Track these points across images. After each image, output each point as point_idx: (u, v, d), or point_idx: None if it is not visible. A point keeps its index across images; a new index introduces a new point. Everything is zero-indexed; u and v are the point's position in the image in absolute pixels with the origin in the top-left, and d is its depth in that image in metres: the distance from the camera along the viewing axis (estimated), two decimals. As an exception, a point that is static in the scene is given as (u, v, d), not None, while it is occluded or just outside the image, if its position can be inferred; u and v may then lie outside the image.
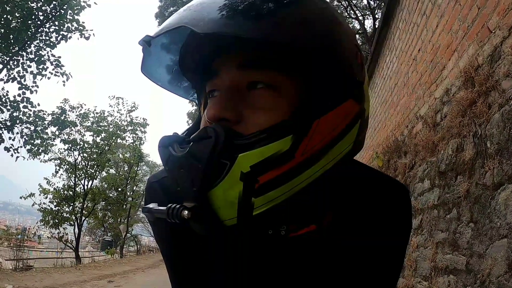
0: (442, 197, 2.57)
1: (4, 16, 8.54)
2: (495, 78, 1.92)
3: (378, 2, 12.34)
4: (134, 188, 21.59)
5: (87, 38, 9.98)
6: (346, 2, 12.89)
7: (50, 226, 14.08)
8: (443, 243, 2.49)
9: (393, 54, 4.41)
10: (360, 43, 12.70)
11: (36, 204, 13.61)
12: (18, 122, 9.69)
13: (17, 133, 9.80)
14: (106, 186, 19.73)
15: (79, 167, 15.38)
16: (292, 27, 0.40)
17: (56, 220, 14.00)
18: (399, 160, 3.82)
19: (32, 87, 9.59)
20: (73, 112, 14.99)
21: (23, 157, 10.29)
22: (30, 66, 9.51)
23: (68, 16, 9.46)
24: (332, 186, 0.49)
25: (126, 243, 23.25)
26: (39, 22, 9.24)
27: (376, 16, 12.12)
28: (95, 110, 16.50)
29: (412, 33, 3.57)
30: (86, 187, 15.69)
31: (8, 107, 9.43)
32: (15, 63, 9.32)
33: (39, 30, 9.36)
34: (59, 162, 14.99)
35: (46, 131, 11.24)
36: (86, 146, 15.51)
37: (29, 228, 19.32)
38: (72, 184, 15.14)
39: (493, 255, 1.83)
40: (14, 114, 9.56)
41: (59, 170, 15.06)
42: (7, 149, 9.53)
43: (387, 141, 4.40)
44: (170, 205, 0.41)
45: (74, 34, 9.80)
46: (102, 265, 13.44)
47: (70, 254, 14.66)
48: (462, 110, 2.28)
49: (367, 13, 13.43)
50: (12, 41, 8.90)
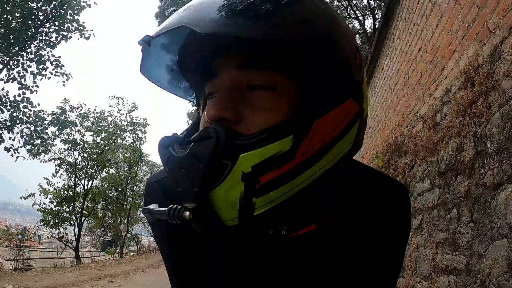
0: (442, 197, 2.57)
1: (4, 16, 8.54)
2: (495, 78, 1.92)
3: (378, 2, 12.34)
4: (134, 188, 21.59)
5: (87, 38, 9.99)
6: (346, 2, 12.89)
7: (50, 226, 14.09)
8: (443, 243, 2.49)
9: (393, 54, 4.41)
10: (360, 43, 12.71)
11: (36, 204, 13.63)
12: (18, 122, 9.69)
13: (17, 133, 9.82)
14: (106, 186, 19.74)
15: (79, 167, 15.40)
16: (292, 27, 0.40)
17: (56, 220, 14.01)
18: (399, 160, 3.82)
19: (32, 87, 9.61)
20: (73, 112, 15.05)
21: (23, 157, 10.31)
22: (30, 66, 9.53)
23: (68, 16, 9.46)
24: (332, 186, 0.49)
25: (126, 243, 23.25)
26: (39, 22, 9.24)
27: (376, 16, 12.12)
28: (95, 110, 16.56)
29: (412, 33, 3.57)
30: (86, 187, 15.71)
31: (8, 107, 9.44)
32: (15, 63, 9.34)
33: (39, 30, 9.36)
34: (59, 162, 15.01)
35: (46, 131, 11.26)
36: (86, 146, 15.52)
37: (29, 228, 19.32)
38: (72, 184, 15.16)
39: (493, 255, 1.83)
40: (14, 114, 9.57)
41: (59, 170, 15.10)
42: (7, 149, 9.53)
43: (387, 141, 4.40)
44: (171, 206, 0.41)
45: (74, 34, 9.82)
46: (102, 265, 13.44)
47: (70, 254, 14.67)
48: (462, 110, 2.28)
49: (367, 13, 13.44)
50: (12, 41, 8.90)
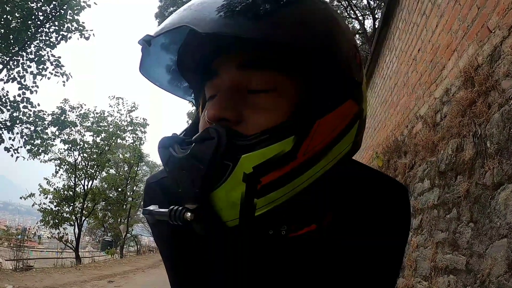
0: (442, 197, 2.57)
1: (4, 16, 8.54)
2: (495, 78, 1.92)
3: (378, 2, 12.34)
4: (134, 188, 21.59)
5: (87, 38, 9.99)
6: (346, 2, 12.89)
7: (50, 226, 14.10)
8: (443, 243, 2.49)
9: (393, 54, 4.41)
10: (360, 43, 12.72)
11: (36, 204, 13.64)
12: (18, 122, 9.69)
13: (17, 133, 9.82)
14: (106, 186, 19.75)
15: (79, 167, 15.41)
16: (292, 27, 0.40)
17: (56, 220, 14.02)
18: (399, 160, 3.82)
19: (32, 87, 9.61)
20: (73, 112, 15.08)
21: (23, 157, 10.32)
22: (30, 66, 9.54)
23: (68, 16, 9.47)
24: (331, 186, 0.49)
25: (126, 243, 23.24)
26: (39, 22, 9.24)
27: (376, 16, 12.12)
28: (95, 110, 16.60)
29: (412, 33, 3.57)
30: (86, 187, 15.72)
31: (8, 107, 9.44)
32: (15, 63, 9.34)
33: (39, 30, 9.36)
34: (59, 162, 15.02)
35: (46, 131, 11.27)
36: (86, 146, 15.53)
37: (29, 228, 19.32)
38: (72, 184, 15.17)
39: (493, 255, 1.83)
40: (14, 114, 9.58)
41: (59, 170, 15.11)
42: (7, 149, 9.53)
43: (387, 141, 4.40)
44: (172, 207, 0.41)
45: (74, 34, 9.82)
46: (102, 265, 13.44)
47: (70, 254, 14.67)
48: (462, 110, 2.28)
49: (367, 13, 13.44)
50: (12, 41, 8.90)
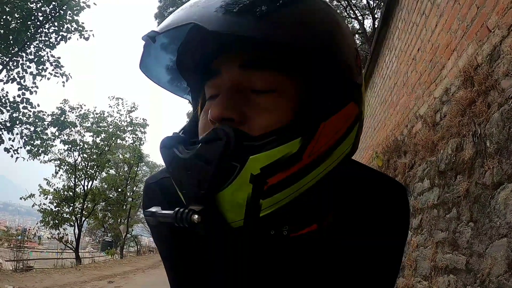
0: (442, 196, 2.57)
1: (4, 17, 8.53)
2: (495, 77, 1.92)
3: (377, 1, 12.34)
4: (134, 188, 21.56)
5: (87, 39, 9.98)
6: (346, 2, 12.89)
7: (50, 227, 14.09)
8: (443, 243, 2.49)
9: (392, 53, 4.41)
10: (360, 43, 12.72)
11: (36, 205, 13.62)
12: (18, 123, 9.68)
13: (17, 133, 9.80)
14: (106, 186, 19.73)
15: (79, 167, 15.39)
16: (299, 27, 0.41)
17: (56, 221, 14.00)
18: (398, 160, 3.82)
19: (32, 87, 9.59)
20: (72, 112, 15.05)
21: (23, 157, 10.29)
22: (29, 67, 9.52)
23: (67, 17, 9.45)
24: (332, 186, 0.49)
25: (126, 244, 23.22)
26: (38, 23, 9.24)
27: (376, 16, 12.12)
28: (94, 111, 16.58)
29: (411, 32, 3.57)
30: (86, 188, 15.70)
31: (8, 108, 9.43)
32: (15, 63, 9.32)
33: (39, 31, 9.35)
34: (59, 162, 15.00)
35: (46, 131, 11.23)
36: (86, 146, 15.52)
37: (29, 229, 19.28)
38: (72, 184, 15.16)
39: (493, 255, 1.82)
40: (14, 115, 9.56)
41: (59, 170, 15.09)
42: (7, 150, 9.52)
43: (387, 140, 4.40)
44: (177, 209, 0.40)
45: (74, 34, 9.81)
46: (102, 265, 13.43)
47: (70, 254, 14.65)
48: (461, 110, 2.28)
49: (367, 13, 13.44)
50: (11, 41, 8.89)
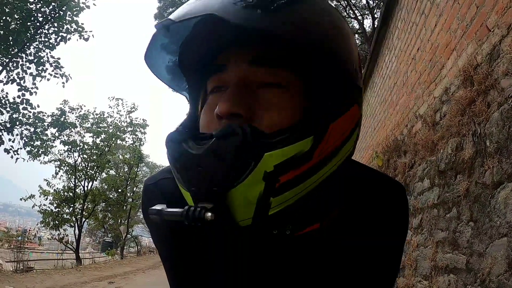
0: (442, 196, 2.57)
1: (3, 17, 8.54)
2: (494, 76, 1.92)
3: (377, 1, 12.34)
4: (134, 189, 21.55)
5: (86, 40, 9.98)
6: (345, 2, 12.89)
7: (51, 228, 14.08)
8: (443, 242, 2.49)
9: (392, 53, 4.41)
10: (359, 43, 12.72)
11: (36, 205, 13.62)
12: (17, 123, 9.69)
13: (17, 134, 9.81)
14: (106, 187, 19.73)
15: (79, 168, 15.39)
16: (320, 29, 0.41)
17: (57, 222, 14.00)
18: (398, 160, 3.82)
19: (32, 88, 9.60)
20: (72, 113, 15.03)
21: (23, 158, 10.30)
22: (29, 68, 9.52)
23: (67, 18, 9.46)
24: (334, 186, 0.49)
25: (126, 244, 23.21)
26: (38, 24, 9.24)
27: (375, 15, 12.12)
28: (94, 111, 16.56)
29: (411, 32, 3.57)
30: (86, 188, 15.69)
31: (8, 109, 9.44)
32: (15, 64, 9.33)
33: (38, 32, 9.35)
34: (59, 163, 15.00)
35: (46, 132, 11.22)
36: (86, 147, 15.51)
37: (29, 230, 19.27)
38: (72, 185, 15.15)
39: (493, 254, 1.82)
40: (14, 116, 9.57)
41: (59, 171, 15.09)
42: (7, 150, 9.53)
43: (387, 140, 4.40)
44: (187, 206, 0.39)
45: (73, 35, 9.81)
46: (103, 266, 13.42)
47: (71, 255, 14.64)
48: (461, 109, 2.28)
49: (366, 12, 13.45)
50: (11, 42, 8.89)
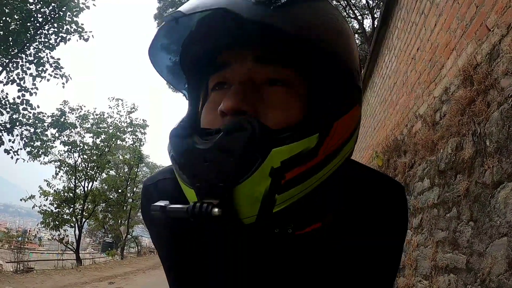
0: (442, 196, 2.57)
1: (3, 18, 8.54)
2: (494, 76, 1.92)
3: (376, 1, 12.34)
4: (134, 189, 21.55)
5: (86, 40, 9.98)
6: (345, 2, 12.89)
7: (51, 228, 14.08)
8: (443, 242, 2.49)
9: (392, 53, 4.41)
10: (359, 43, 12.72)
11: (36, 206, 13.62)
12: (17, 124, 9.69)
13: (16, 135, 9.82)
14: (106, 187, 19.72)
15: (79, 168, 15.39)
16: (322, 26, 0.42)
17: (57, 222, 14.00)
18: (398, 159, 3.81)
19: (32, 89, 9.60)
20: (72, 114, 15.03)
21: (23, 159, 10.30)
22: (29, 68, 9.52)
23: (67, 18, 9.45)
24: (334, 185, 0.49)
25: (126, 245, 23.20)
26: (38, 24, 9.24)
27: (375, 15, 12.13)
28: (94, 112, 16.55)
29: (410, 32, 3.57)
30: (86, 189, 15.69)
31: (8, 110, 9.44)
32: (15, 65, 9.33)
33: (38, 32, 9.35)
34: (59, 164, 15.01)
35: (46, 133, 11.24)
36: (86, 147, 15.52)
37: (29, 230, 19.28)
38: (72, 186, 15.15)
39: (493, 254, 1.82)
40: (14, 116, 9.57)
41: (59, 172, 15.09)
42: (7, 151, 9.53)
43: (387, 140, 4.40)
44: (193, 202, 0.39)
45: (73, 36, 9.80)
46: (103, 266, 13.42)
47: (71, 256, 14.64)
48: (461, 109, 2.28)
49: (366, 12, 13.46)
50: (11, 43, 8.90)
